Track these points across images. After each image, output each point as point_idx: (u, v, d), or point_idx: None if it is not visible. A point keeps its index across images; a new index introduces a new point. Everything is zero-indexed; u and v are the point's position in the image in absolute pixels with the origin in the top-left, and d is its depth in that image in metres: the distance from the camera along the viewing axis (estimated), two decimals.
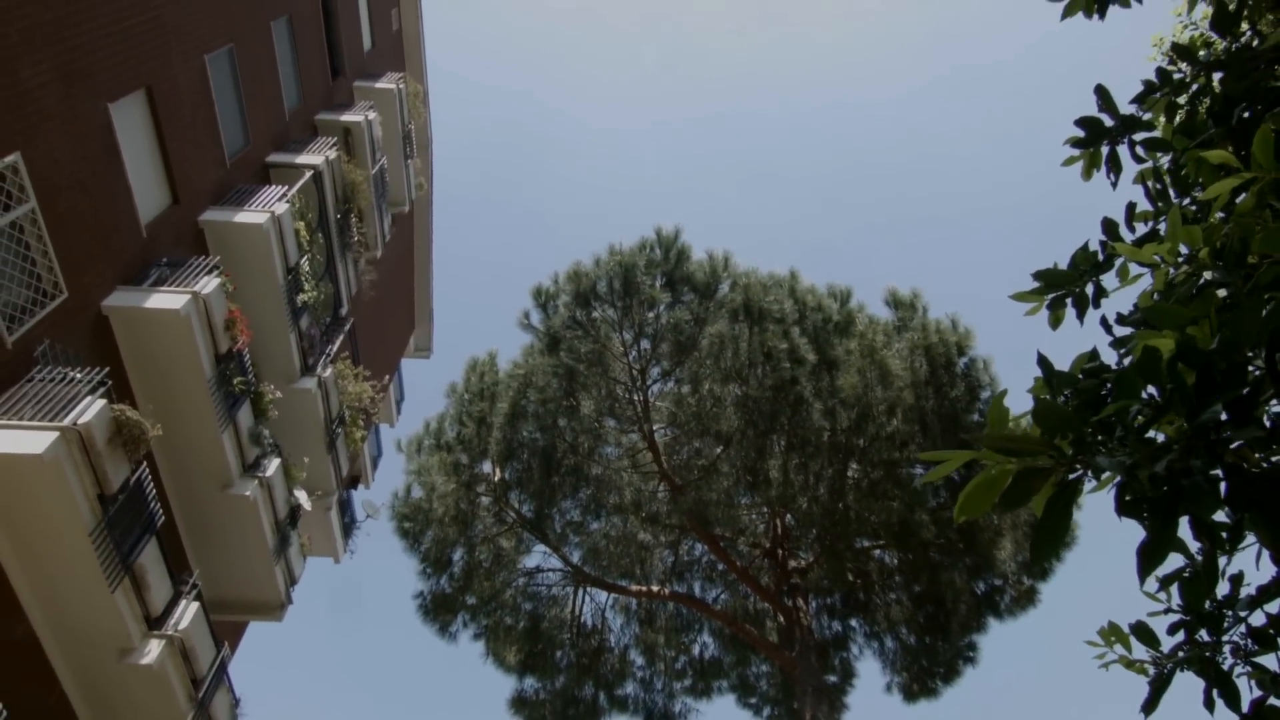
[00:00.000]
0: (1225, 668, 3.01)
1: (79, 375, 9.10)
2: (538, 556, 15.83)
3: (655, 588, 15.72)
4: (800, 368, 13.92)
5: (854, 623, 16.32)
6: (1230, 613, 3.01)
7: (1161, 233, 3.18)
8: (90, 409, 8.70)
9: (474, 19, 52.50)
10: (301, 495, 13.35)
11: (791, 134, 52.10)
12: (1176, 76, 3.43)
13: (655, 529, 15.51)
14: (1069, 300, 3.26)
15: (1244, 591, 3.03)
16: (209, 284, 10.95)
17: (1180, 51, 3.45)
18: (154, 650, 9.84)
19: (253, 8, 14.08)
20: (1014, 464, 1.90)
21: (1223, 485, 1.83)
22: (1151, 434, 1.99)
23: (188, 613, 10.49)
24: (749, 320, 14.26)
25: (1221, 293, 2.47)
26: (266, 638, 42.77)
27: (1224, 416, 1.89)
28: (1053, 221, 44.96)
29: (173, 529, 12.16)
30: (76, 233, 9.80)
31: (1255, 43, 3.55)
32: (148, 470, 9.72)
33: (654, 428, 14.99)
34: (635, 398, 14.81)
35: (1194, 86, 3.41)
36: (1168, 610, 2.97)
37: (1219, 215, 2.83)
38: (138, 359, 10.84)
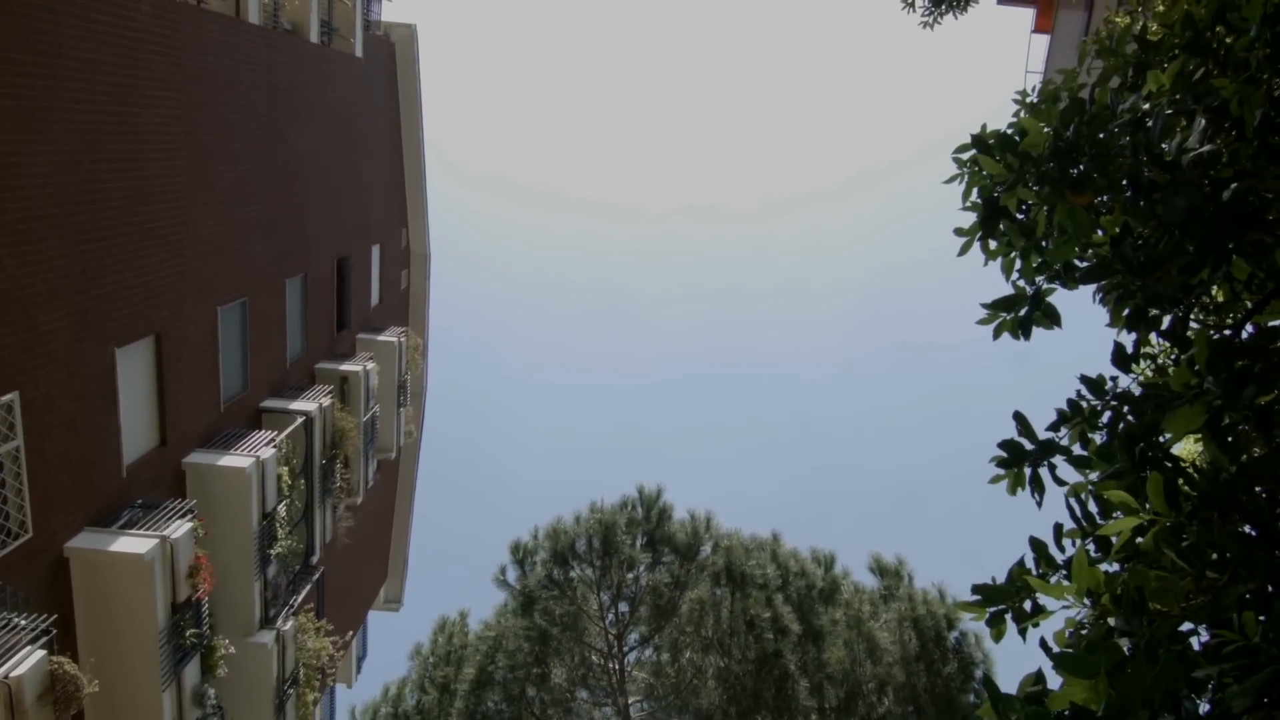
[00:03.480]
0: None
1: (23, 622, 8.60)
2: None
3: None
4: (784, 639, 13.36)
5: None
6: None
7: (1091, 551, 3.23)
8: (26, 661, 8.14)
9: (471, 287, 56.48)
10: None
11: (748, 395, 54.69)
12: (1085, 405, 3.65)
13: None
14: (1009, 614, 3.24)
15: None
16: (179, 528, 10.70)
17: (1089, 384, 3.69)
18: None
19: (272, 267, 15.09)
20: None
21: None
22: None
23: None
24: (731, 585, 13.89)
25: (1124, 641, 2.45)
26: None
27: None
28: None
29: None
30: (56, 472, 9.73)
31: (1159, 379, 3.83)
32: None
33: (630, 701, 14.02)
34: (611, 666, 14.01)
35: (1106, 414, 3.60)
36: None
37: (1126, 553, 2.88)
38: (90, 603, 10.30)
